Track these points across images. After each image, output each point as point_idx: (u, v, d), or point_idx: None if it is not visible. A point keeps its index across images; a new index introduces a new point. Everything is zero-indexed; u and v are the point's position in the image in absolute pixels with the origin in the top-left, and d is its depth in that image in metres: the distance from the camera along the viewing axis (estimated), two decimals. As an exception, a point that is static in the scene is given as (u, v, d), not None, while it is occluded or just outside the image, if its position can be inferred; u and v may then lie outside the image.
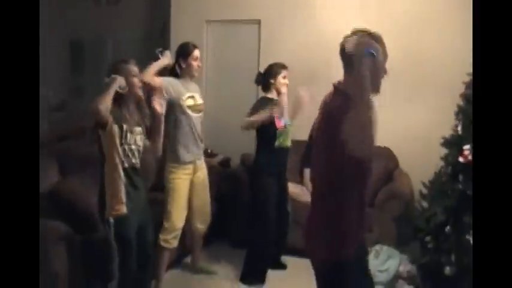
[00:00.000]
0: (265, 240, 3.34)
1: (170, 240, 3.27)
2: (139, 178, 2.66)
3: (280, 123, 3.34)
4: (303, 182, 4.24)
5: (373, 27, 1.91)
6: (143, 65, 2.61)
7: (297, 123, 3.66)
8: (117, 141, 2.48)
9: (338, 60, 1.93)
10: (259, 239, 3.35)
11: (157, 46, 5.73)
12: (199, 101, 3.38)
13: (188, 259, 3.78)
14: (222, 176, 4.29)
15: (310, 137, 4.20)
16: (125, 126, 2.52)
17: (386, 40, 1.86)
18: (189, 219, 3.40)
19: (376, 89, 1.83)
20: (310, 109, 4.19)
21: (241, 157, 4.41)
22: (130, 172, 2.58)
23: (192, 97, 3.32)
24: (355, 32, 1.84)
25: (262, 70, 3.57)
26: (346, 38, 1.85)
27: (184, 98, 3.25)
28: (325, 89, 1.99)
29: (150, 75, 3.05)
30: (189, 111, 3.27)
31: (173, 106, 3.22)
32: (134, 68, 2.59)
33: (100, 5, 5.86)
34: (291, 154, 3.60)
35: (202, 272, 3.68)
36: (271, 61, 3.62)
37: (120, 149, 2.50)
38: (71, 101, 6.12)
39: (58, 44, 5.92)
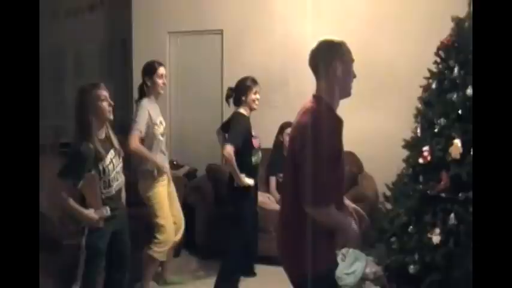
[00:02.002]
0: (242, 251, 3.35)
1: (164, 252, 3.32)
2: (119, 196, 2.67)
3: (256, 143, 3.40)
4: (269, 190, 4.27)
5: (332, 34, 1.98)
6: (107, 80, 2.57)
7: (262, 132, 3.68)
8: (97, 182, 2.47)
9: (300, 66, 1.97)
10: (237, 251, 3.33)
11: (119, 58, 5.73)
12: (164, 123, 3.41)
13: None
14: (187, 187, 4.25)
15: (275, 145, 4.25)
16: (100, 165, 2.47)
17: None
18: None
19: (347, 93, 1.95)
20: (273, 116, 4.27)
21: (206, 168, 4.39)
22: (111, 199, 2.56)
23: (161, 122, 3.36)
24: (321, 42, 1.93)
25: (233, 85, 3.56)
26: (313, 49, 1.94)
27: (157, 125, 3.29)
28: (289, 96, 2.04)
29: (134, 143, 3.12)
30: (160, 137, 3.31)
31: (147, 130, 3.25)
32: (104, 92, 2.53)
33: (58, 18, 5.74)
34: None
35: (172, 283, 3.63)
36: (234, 71, 3.64)
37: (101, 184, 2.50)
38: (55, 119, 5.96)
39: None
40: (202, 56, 5.01)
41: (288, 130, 4.07)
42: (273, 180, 4.26)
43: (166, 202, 3.34)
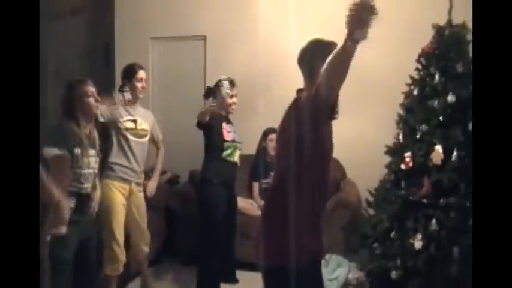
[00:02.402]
0: (213, 253, 3.29)
1: (119, 267, 3.14)
2: (87, 201, 2.54)
3: (229, 136, 3.36)
4: (251, 196, 4.25)
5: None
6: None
7: (245, 138, 3.68)
8: (68, 165, 2.38)
9: (284, 72, 1.98)
10: (207, 251, 3.30)
11: (101, 63, 5.66)
12: (144, 126, 3.30)
13: (135, 283, 3.60)
14: (170, 193, 4.22)
15: (258, 151, 4.25)
16: (76, 150, 2.41)
17: None
18: (132, 243, 3.28)
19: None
20: (256, 122, 4.26)
21: (189, 174, 4.36)
22: (79, 196, 2.46)
23: (134, 121, 3.25)
24: (312, 41, 1.95)
25: (211, 84, 3.55)
26: (303, 48, 1.96)
27: (122, 120, 3.18)
28: (272, 102, 2.05)
29: None
30: (127, 134, 3.19)
31: (111, 127, 3.17)
32: (91, 88, 2.53)
33: (40, 21, 5.67)
34: (240, 168, 3.59)
35: None
36: (217, 76, 3.62)
37: (69, 172, 2.39)
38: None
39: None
40: (185, 61, 4.99)
41: (271, 136, 4.09)
42: (256, 186, 4.25)
43: (120, 208, 3.12)
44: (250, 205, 4.11)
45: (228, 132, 3.39)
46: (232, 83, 3.43)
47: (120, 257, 3.12)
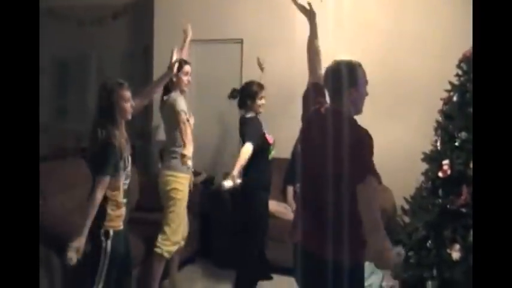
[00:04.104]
0: (254, 256, 3.36)
1: (170, 251, 3.28)
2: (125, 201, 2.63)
3: (270, 139, 3.44)
4: (286, 200, 4.25)
5: (354, 47, 2.01)
6: (129, 85, 2.59)
7: (280, 142, 3.68)
8: (121, 164, 2.49)
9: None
10: (252, 255, 3.34)
11: (140, 65, 5.80)
12: (191, 120, 3.40)
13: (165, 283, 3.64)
14: (204, 194, 4.26)
15: (293, 155, 4.24)
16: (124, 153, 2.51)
17: (367, 60, 1.98)
18: None
19: (358, 111, 2.04)
20: (291, 126, 4.25)
21: (223, 175, 4.39)
22: (125, 192, 2.58)
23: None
24: (337, 63, 2.00)
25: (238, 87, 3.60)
26: (328, 68, 2.02)
27: (185, 110, 3.27)
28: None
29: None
30: (187, 123, 3.27)
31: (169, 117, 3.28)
32: (128, 93, 2.55)
33: (84, 26, 5.86)
34: (274, 172, 3.60)
35: None
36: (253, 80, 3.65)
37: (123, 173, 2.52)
38: (53, 121, 6.08)
39: (41, 63, 5.90)
40: (222, 64, 5.04)
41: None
42: (290, 189, 4.25)
43: (184, 201, 3.30)
44: (284, 209, 4.11)
45: (268, 135, 3.44)
46: (260, 86, 3.46)
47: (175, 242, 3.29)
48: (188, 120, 3.26)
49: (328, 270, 1.85)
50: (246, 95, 3.44)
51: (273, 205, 3.97)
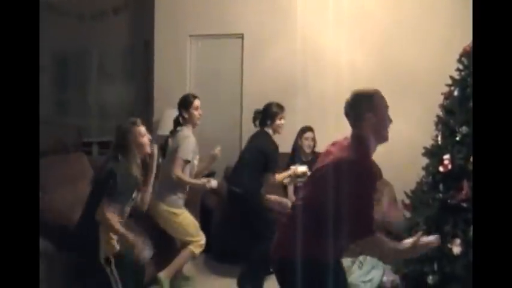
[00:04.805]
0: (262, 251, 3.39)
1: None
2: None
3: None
4: (287, 195, 4.24)
5: (354, 42, 1.99)
6: (129, 81, 2.68)
7: (281, 136, 3.68)
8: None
9: (320, 71, 2.00)
10: (255, 250, 3.38)
11: (141, 61, 5.80)
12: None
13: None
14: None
15: (293, 149, 4.24)
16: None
17: (368, 54, 1.95)
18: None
19: (384, 138, 2.08)
20: (292, 120, 4.27)
21: (224, 171, 4.40)
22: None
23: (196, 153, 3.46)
24: (355, 94, 2.03)
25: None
26: (347, 101, 2.04)
27: (195, 160, 3.43)
28: (309, 101, 2.07)
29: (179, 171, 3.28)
30: (195, 166, 3.47)
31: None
32: (142, 129, 2.70)
33: (84, 21, 5.85)
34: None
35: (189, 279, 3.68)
36: (254, 74, 3.66)
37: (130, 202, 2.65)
38: (54, 116, 6.08)
39: (41, 58, 5.90)
40: (223, 59, 5.03)
41: (307, 134, 4.09)
42: (291, 185, 4.24)
43: (192, 220, 3.44)
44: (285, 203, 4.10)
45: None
46: (280, 107, 3.58)
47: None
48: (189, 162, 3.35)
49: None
50: (266, 115, 3.57)
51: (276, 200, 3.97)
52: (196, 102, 3.48)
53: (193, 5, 5.01)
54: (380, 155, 4.16)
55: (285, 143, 4.00)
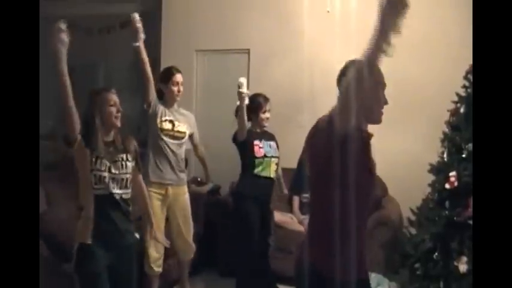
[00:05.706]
0: (247, 265, 3.32)
1: (154, 267, 3.24)
2: (117, 211, 2.36)
3: (260, 152, 3.34)
4: (292, 210, 4.23)
5: (359, 55, 1.96)
6: (134, 93, 2.57)
7: (287, 152, 3.68)
8: (88, 165, 2.29)
9: (327, 86, 1.97)
10: (242, 264, 3.32)
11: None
12: (181, 128, 3.33)
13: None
14: (211, 204, 4.26)
15: (299, 164, 4.23)
16: (94, 152, 2.32)
17: None
18: (173, 248, 3.34)
19: (375, 119, 1.83)
20: (298, 136, 4.26)
21: (230, 185, 4.40)
22: (103, 202, 2.31)
23: (171, 122, 3.28)
24: (349, 62, 1.87)
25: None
26: (342, 69, 1.88)
27: (159, 120, 3.23)
28: (315, 116, 2.01)
29: None
30: (162, 135, 3.22)
31: (151, 124, 3.23)
32: (113, 97, 2.42)
33: (92, 34, 5.91)
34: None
35: None
36: (260, 90, 3.65)
37: (90, 175, 2.29)
38: (61, 128, 6.10)
39: (48, 71, 5.95)
40: (229, 74, 5.05)
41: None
42: (296, 200, 4.24)
43: (156, 211, 3.10)
44: (289, 219, 4.10)
45: (260, 148, 3.36)
46: (265, 99, 3.40)
47: (157, 261, 3.24)
48: None
49: None
50: (250, 107, 3.36)
51: (278, 215, 3.96)
52: (177, 77, 3.25)
53: (200, 20, 5.06)
54: (386, 171, 4.20)
55: (292, 159, 4.00)
